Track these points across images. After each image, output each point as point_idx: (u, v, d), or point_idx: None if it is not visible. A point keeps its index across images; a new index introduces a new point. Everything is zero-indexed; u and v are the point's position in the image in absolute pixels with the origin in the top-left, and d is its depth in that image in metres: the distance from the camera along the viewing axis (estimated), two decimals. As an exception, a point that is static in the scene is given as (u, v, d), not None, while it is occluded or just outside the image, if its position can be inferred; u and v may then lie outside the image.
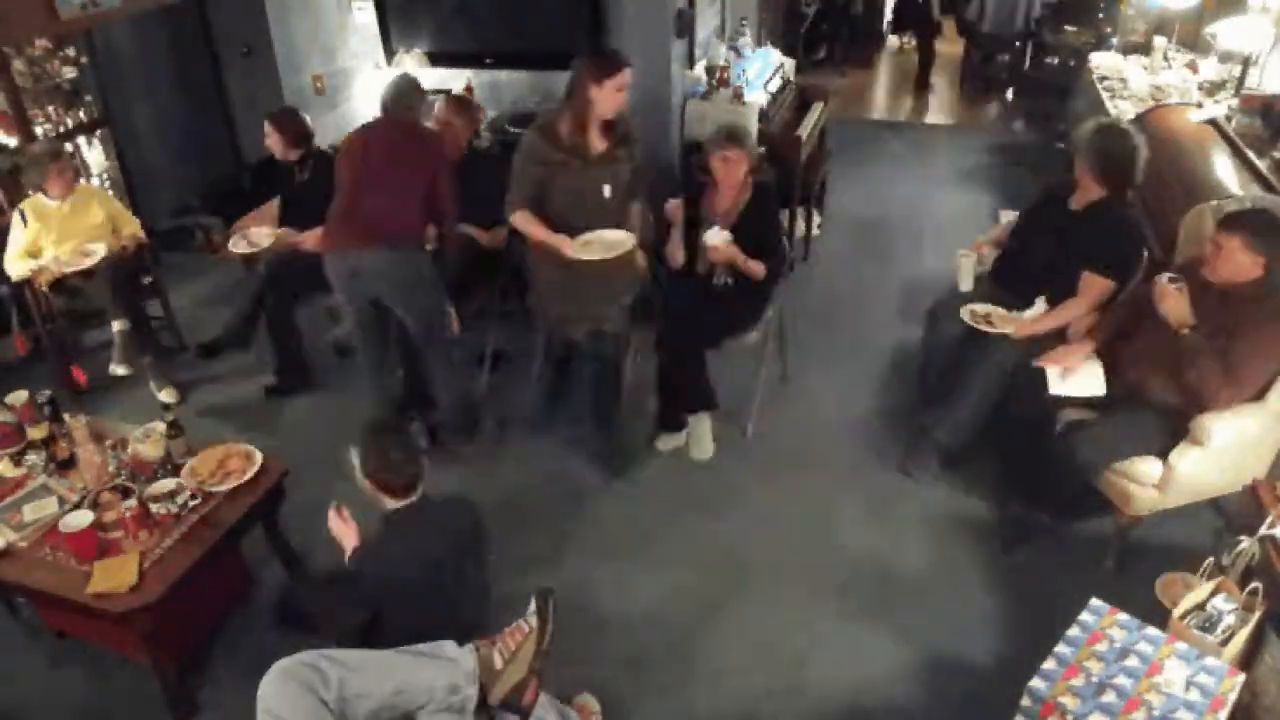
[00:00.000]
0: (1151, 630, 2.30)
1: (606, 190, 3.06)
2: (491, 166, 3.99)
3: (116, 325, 3.92)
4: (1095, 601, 2.38)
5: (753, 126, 4.44)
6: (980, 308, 3.27)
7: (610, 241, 3.01)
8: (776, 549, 3.15)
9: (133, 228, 4.12)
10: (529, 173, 3.05)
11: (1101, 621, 2.33)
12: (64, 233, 3.90)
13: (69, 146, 4.86)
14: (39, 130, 4.65)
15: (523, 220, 3.07)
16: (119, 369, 3.96)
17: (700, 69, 4.73)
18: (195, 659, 2.79)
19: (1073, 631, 2.31)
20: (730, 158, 3.36)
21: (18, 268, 3.92)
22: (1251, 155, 3.90)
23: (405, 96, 3.33)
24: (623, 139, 3.11)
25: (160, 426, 2.94)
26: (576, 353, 3.67)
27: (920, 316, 3.70)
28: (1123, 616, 2.33)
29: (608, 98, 2.91)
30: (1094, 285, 3.18)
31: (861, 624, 2.86)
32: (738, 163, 3.38)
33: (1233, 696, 2.16)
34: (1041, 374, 3.01)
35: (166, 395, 4.08)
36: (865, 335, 4.39)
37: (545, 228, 3.04)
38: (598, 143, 3.03)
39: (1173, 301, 2.75)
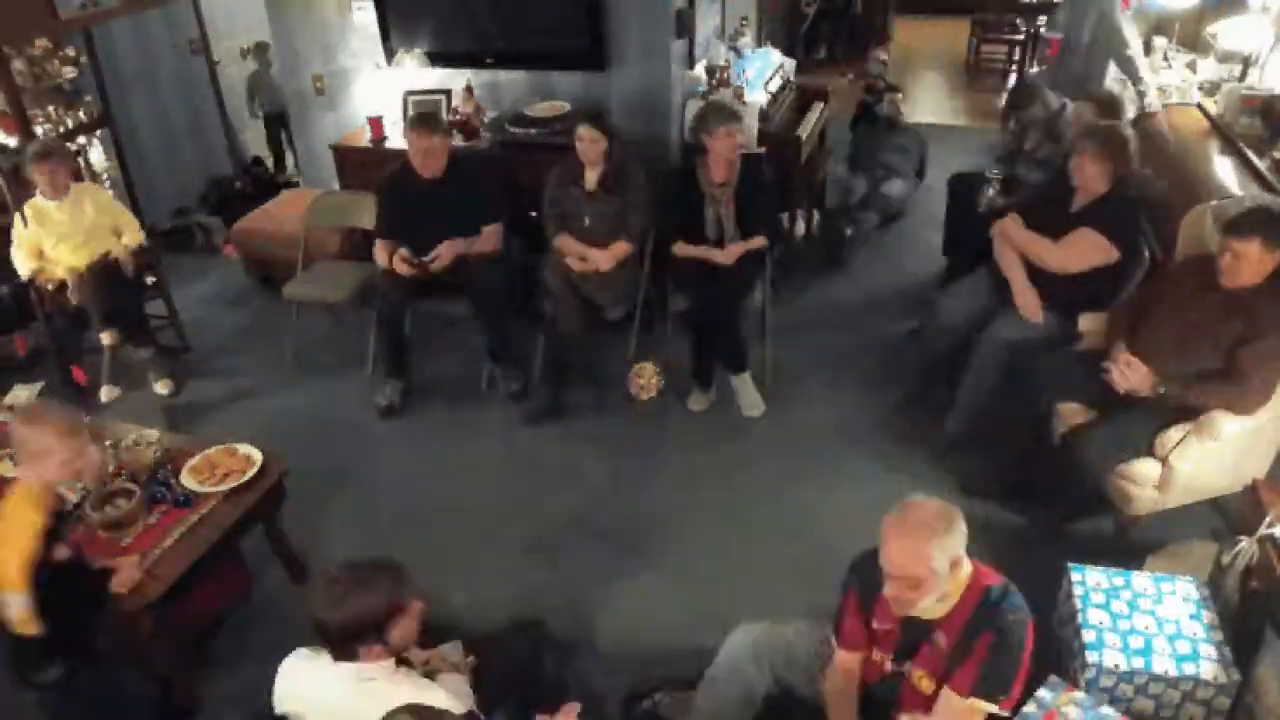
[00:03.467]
0: (1107, 710, 2.13)
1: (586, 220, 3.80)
2: (475, 170, 3.98)
3: (105, 339, 3.92)
4: (1053, 677, 2.21)
5: (753, 126, 4.45)
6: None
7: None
8: (769, 551, 3.15)
9: (132, 234, 4.06)
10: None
11: (1059, 699, 2.16)
12: (61, 233, 3.88)
13: (73, 146, 4.86)
14: (39, 130, 4.65)
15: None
16: (106, 392, 4.00)
17: (700, 69, 4.72)
18: (195, 659, 2.79)
19: (1029, 709, 2.12)
20: (730, 132, 3.66)
21: (23, 267, 3.92)
22: (1251, 155, 3.90)
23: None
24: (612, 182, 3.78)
25: (151, 434, 2.94)
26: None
27: (920, 314, 3.72)
28: (1079, 695, 2.18)
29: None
30: (1087, 239, 3.20)
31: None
32: (732, 137, 3.66)
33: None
34: (1035, 363, 3.05)
35: (162, 387, 4.10)
36: (866, 334, 4.39)
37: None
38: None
39: (1136, 376, 2.80)
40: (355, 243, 4.54)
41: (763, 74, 4.91)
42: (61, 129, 4.86)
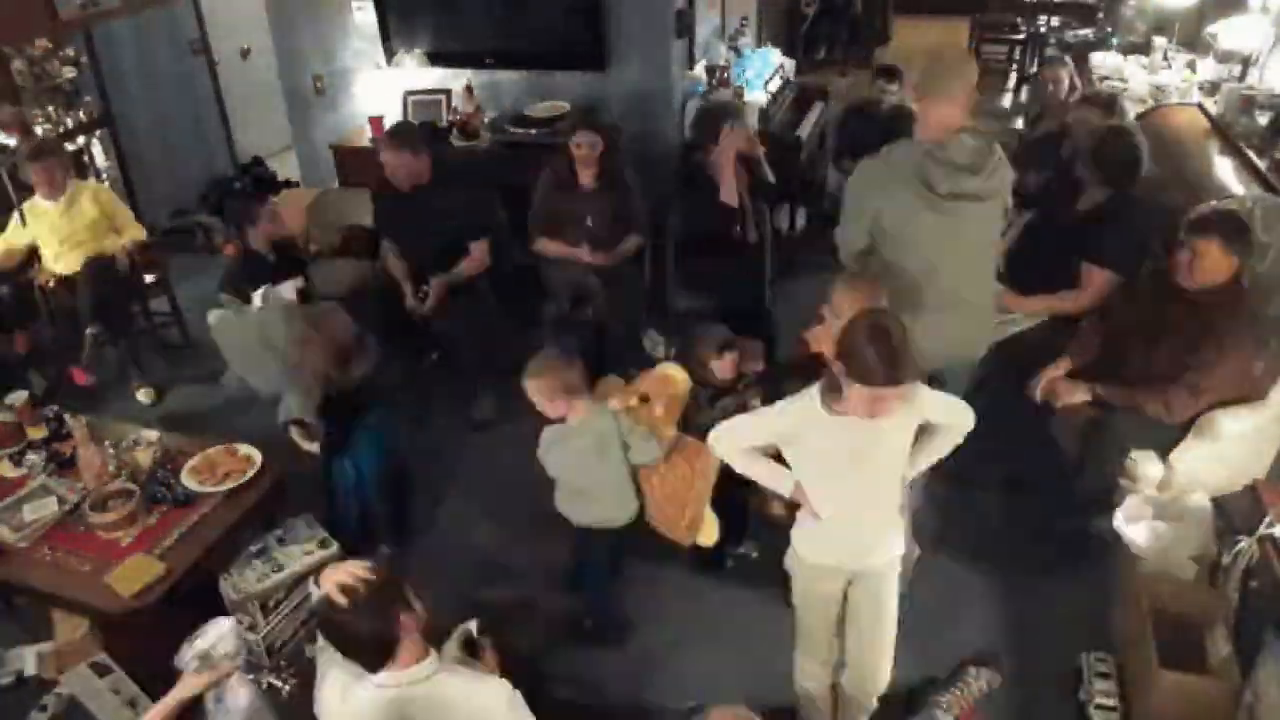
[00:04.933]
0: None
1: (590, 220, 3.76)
2: (464, 181, 3.92)
3: (89, 330, 3.93)
4: None
5: (753, 127, 4.45)
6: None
7: None
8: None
9: (133, 231, 4.07)
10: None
11: None
12: (59, 232, 3.88)
13: (72, 146, 4.87)
14: (39, 130, 4.65)
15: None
16: (83, 376, 4.03)
17: (700, 69, 4.73)
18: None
19: None
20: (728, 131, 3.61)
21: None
22: (1252, 155, 3.90)
23: None
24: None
25: (151, 434, 2.95)
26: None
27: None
28: None
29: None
30: (1095, 278, 3.18)
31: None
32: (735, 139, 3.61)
33: None
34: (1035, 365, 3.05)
35: (144, 396, 4.08)
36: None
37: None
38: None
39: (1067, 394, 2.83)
40: (356, 241, 4.53)
41: (763, 74, 4.91)
42: (61, 129, 4.86)
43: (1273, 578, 2.37)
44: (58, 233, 3.89)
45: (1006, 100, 7.81)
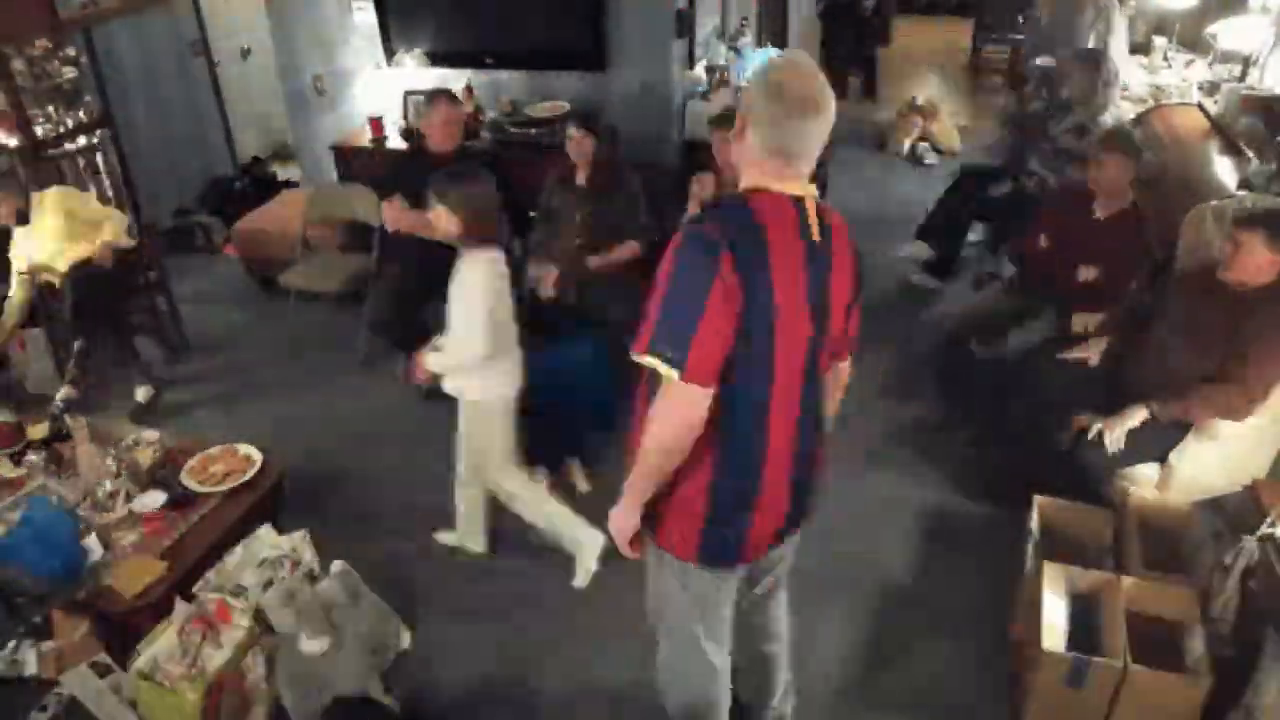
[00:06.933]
0: None
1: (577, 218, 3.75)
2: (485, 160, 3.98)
3: (76, 344, 3.83)
4: None
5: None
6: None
7: None
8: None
9: (107, 231, 3.91)
10: None
11: None
12: (29, 250, 3.84)
13: (73, 145, 4.88)
14: (39, 130, 4.66)
15: None
16: (64, 391, 3.81)
17: (700, 69, 4.74)
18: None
19: None
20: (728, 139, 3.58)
21: (21, 262, 3.90)
22: (1252, 155, 3.90)
23: None
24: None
25: (151, 434, 2.95)
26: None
27: (918, 312, 3.72)
28: None
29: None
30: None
31: (849, 618, 2.87)
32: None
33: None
34: (1039, 371, 3.04)
35: (140, 394, 4.00)
36: (864, 330, 4.37)
37: None
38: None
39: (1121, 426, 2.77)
40: (354, 235, 4.54)
41: (763, 74, 4.91)
42: (61, 129, 4.87)
43: (1273, 578, 2.37)
44: (28, 250, 3.84)
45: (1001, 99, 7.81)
